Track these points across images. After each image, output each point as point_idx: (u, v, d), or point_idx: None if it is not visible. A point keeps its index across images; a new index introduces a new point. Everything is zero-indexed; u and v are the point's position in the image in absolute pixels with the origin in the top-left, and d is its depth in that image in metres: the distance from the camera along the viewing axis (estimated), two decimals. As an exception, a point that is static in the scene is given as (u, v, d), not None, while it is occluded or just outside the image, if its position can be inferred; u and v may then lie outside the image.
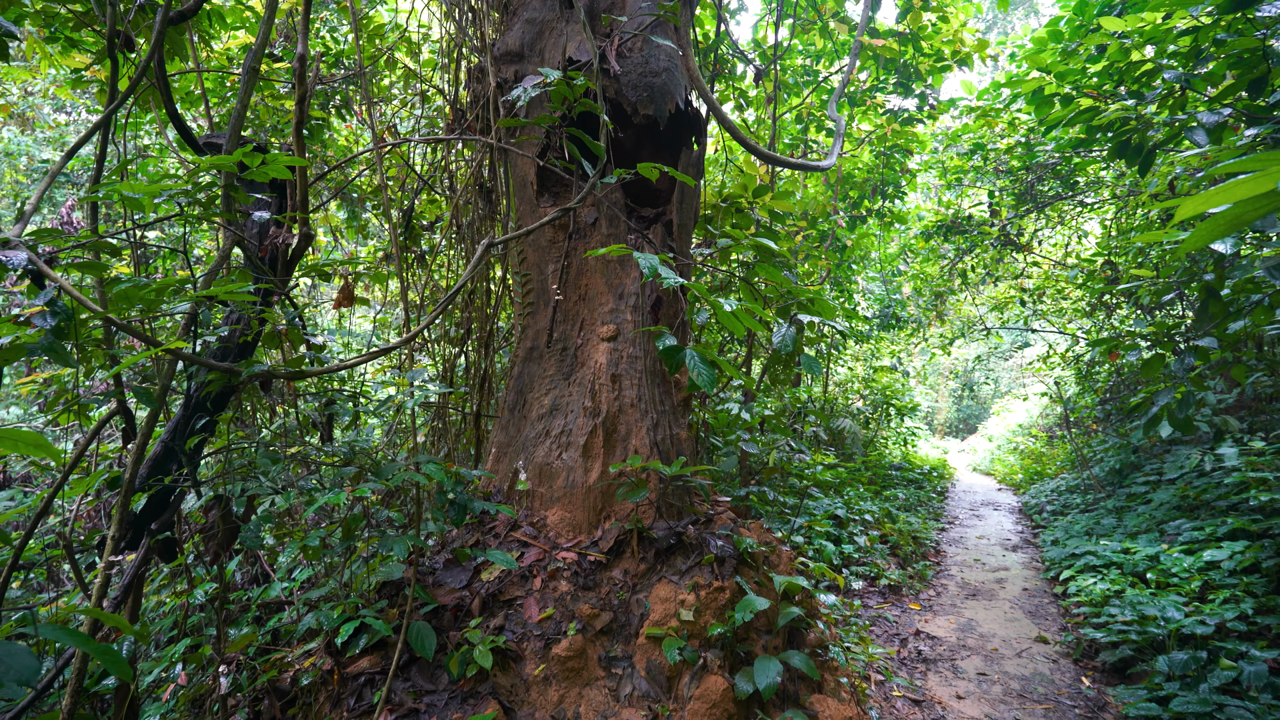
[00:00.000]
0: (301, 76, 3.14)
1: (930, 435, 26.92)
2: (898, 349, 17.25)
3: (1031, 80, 5.33)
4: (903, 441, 15.98)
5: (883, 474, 12.83)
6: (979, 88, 9.29)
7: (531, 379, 3.89)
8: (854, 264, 11.82)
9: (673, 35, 3.85)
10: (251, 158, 2.53)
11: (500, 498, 3.69)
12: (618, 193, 3.72)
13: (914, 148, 9.99)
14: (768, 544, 3.55)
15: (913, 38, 6.73)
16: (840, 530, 8.07)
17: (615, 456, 3.50)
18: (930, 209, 12.80)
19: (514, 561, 2.69)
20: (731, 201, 5.43)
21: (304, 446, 2.91)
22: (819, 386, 14.90)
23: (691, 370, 2.61)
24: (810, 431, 10.18)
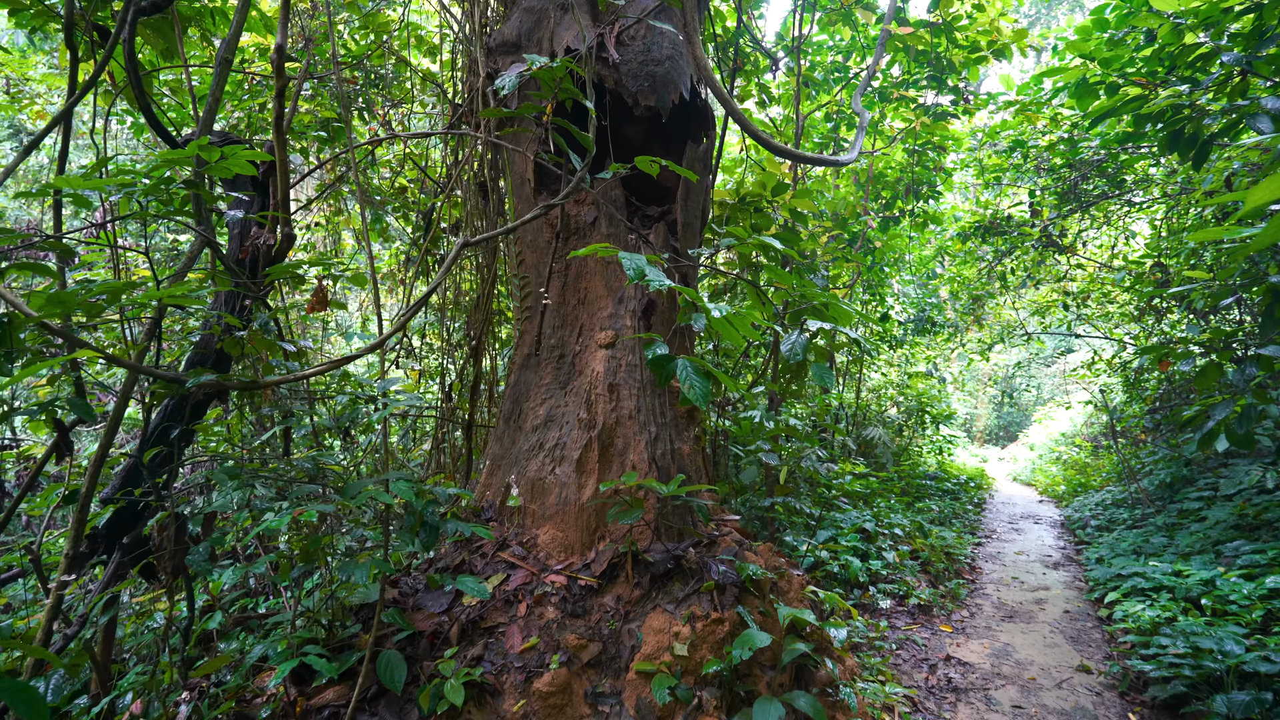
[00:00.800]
0: (280, 69, 2.98)
1: (969, 443, 26.12)
2: (934, 354, 16.69)
3: (1074, 69, 4.95)
4: (938, 450, 15.44)
5: (916, 484, 12.35)
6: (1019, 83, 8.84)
7: (528, 388, 3.68)
8: (886, 267, 11.40)
9: (678, 22, 3.61)
10: (210, 152, 2.36)
11: (492, 514, 3.48)
12: (618, 190, 3.48)
13: (949, 145, 9.57)
14: (776, 569, 3.28)
15: (945, 28, 6.37)
16: (868, 545, 7.71)
17: (611, 472, 3.26)
18: (968, 209, 12.31)
19: (486, 590, 2.46)
20: (750, 201, 5.17)
21: (267, 461, 2.73)
22: (851, 393, 14.46)
23: (683, 382, 2.36)
24: (839, 440, 9.81)
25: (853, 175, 9.85)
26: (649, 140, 4.08)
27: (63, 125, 2.57)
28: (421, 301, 2.36)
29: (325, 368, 2.26)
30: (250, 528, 2.14)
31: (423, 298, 2.40)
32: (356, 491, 2.38)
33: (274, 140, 3.15)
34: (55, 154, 11.36)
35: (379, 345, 2.35)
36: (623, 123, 3.95)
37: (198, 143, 2.26)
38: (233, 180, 3.33)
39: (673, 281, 3.44)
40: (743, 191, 5.14)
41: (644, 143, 4.08)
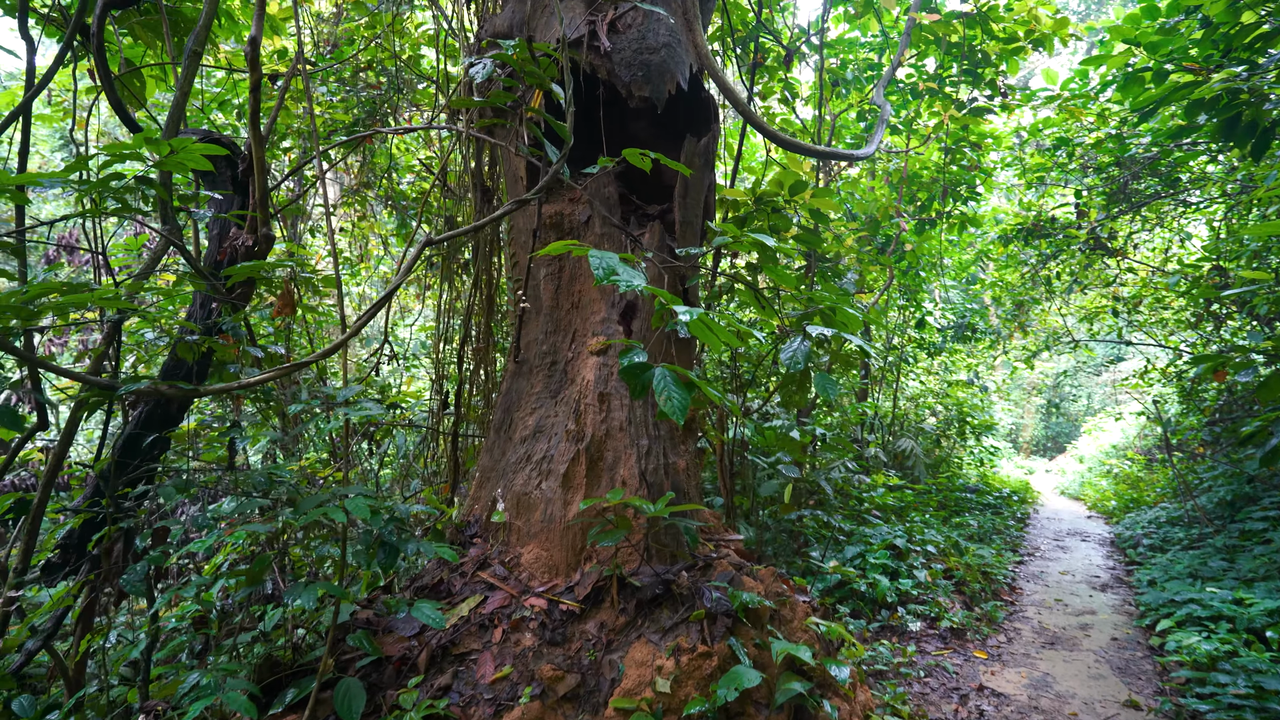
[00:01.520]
0: (254, 61, 2.86)
1: (1014, 455, 25.19)
2: (975, 362, 16.07)
3: (1119, 55, 4.59)
4: (979, 462, 14.82)
5: (954, 498, 11.83)
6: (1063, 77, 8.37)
7: (519, 396, 3.49)
8: (922, 271, 10.97)
9: (677, 8, 3.40)
10: (159, 146, 2.23)
11: (476, 530, 3.30)
12: (611, 187, 3.28)
13: (986, 143, 9.15)
14: (779, 596, 3.02)
15: (980, 18, 6.02)
16: (898, 562, 7.32)
17: (599, 488, 3.05)
18: (1010, 211, 11.79)
19: (443, 619, 2.27)
20: (767, 201, 4.91)
21: (220, 472, 2.60)
22: (888, 402, 13.98)
23: (659, 393, 2.14)
24: (870, 451, 9.42)
25: (885, 175, 9.49)
26: (654, 135, 3.88)
27: (22, 119, 2.47)
28: (381, 302, 2.19)
29: (272, 374, 2.10)
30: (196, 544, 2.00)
31: (382, 298, 2.23)
32: (309, 508, 2.21)
33: (250, 137, 3.03)
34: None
35: (337, 348, 2.19)
36: (622, 117, 3.75)
37: (141, 136, 2.13)
38: (213, 180, 3.22)
39: (663, 283, 3.22)
40: (759, 191, 4.89)
41: (648, 138, 3.88)
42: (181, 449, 2.86)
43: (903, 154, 9.02)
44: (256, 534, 1.97)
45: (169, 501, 2.18)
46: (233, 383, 2.06)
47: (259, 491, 2.23)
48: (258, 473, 2.29)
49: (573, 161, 3.46)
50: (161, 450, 3.07)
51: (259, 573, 2.19)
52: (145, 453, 2.92)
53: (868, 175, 11.51)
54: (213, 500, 2.62)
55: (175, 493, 2.18)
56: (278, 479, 2.26)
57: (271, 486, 2.26)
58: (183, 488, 2.21)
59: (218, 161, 3.18)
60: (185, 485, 2.22)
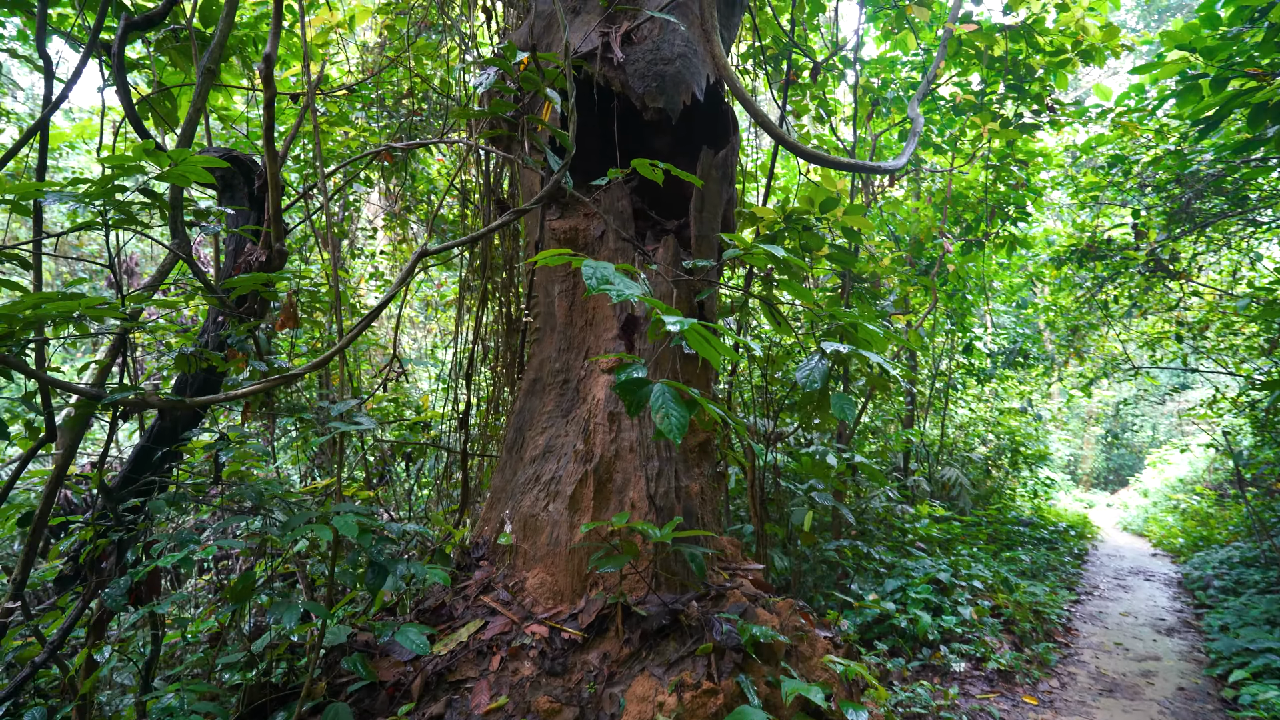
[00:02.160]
0: (268, 78, 2.88)
1: (1073, 487, 24.04)
2: (1028, 389, 15.43)
3: (1174, 62, 4.33)
4: (1033, 493, 14.14)
5: (1005, 530, 11.27)
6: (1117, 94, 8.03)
7: (531, 415, 3.41)
8: (969, 294, 10.60)
9: (694, 18, 3.32)
10: (160, 158, 2.23)
11: (484, 552, 3.20)
12: (624, 200, 3.19)
13: (1037, 162, 8.82)
14: (797, 630, 2.83)
15: (1024, 30, 5.81)
16: (942, 598, 6.95)
17: (607, 511, 2.92)
18: (1062, 232, 11.34)
19: (426, 645, 2.16)
20: (797, 219, 4.78)
21: (202, 487, 2.56)
22: (935, 429, 13.49)
23: (655, 410, 2.02)
24: (912, 480, 9.05)
25: (928, 195, 9.23)
26: (675, 151, 3.79)
27: (40, 135, 2.52)
28: (373, 315, 2.13)
29: (259, 386, 2.06)
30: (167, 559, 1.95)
31: (376, 308, 2.17)
32: (296, 525, 2.15)
33: (265, 153, 3.05)
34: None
35: (323, 363, 2.13)
36: (641, 132, 3.68)
37: (140, 147, 2.13)
38: (230, 195, 3.26)
39: (672, 298, 3.11)
40: (789, 208, 4.76)
41: (670, 154, 3.80)
42: (186, 464, 2.85)
43: (946, 173, 8.77)
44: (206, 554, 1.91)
45: (157, 514, 2.15)
46: (219, 394, 2.03)
47: (250, 506, 2.18)
48: (249, 487, 2.25)
49: (590, 177, 3.40)
50: (172, 464, 3.07)
51: (245, 590, 2.13)
52: (155, 466, 2.92)
53: (912, 196, 11.23)
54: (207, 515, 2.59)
55: (165, 505, 2.14)
56: (271, 494, 2.21)
57: (263, 501, 2.21)
58: (174, 501, 2.18)
59: (235, 178, 3.22)
60: (176, 499, 2.19)
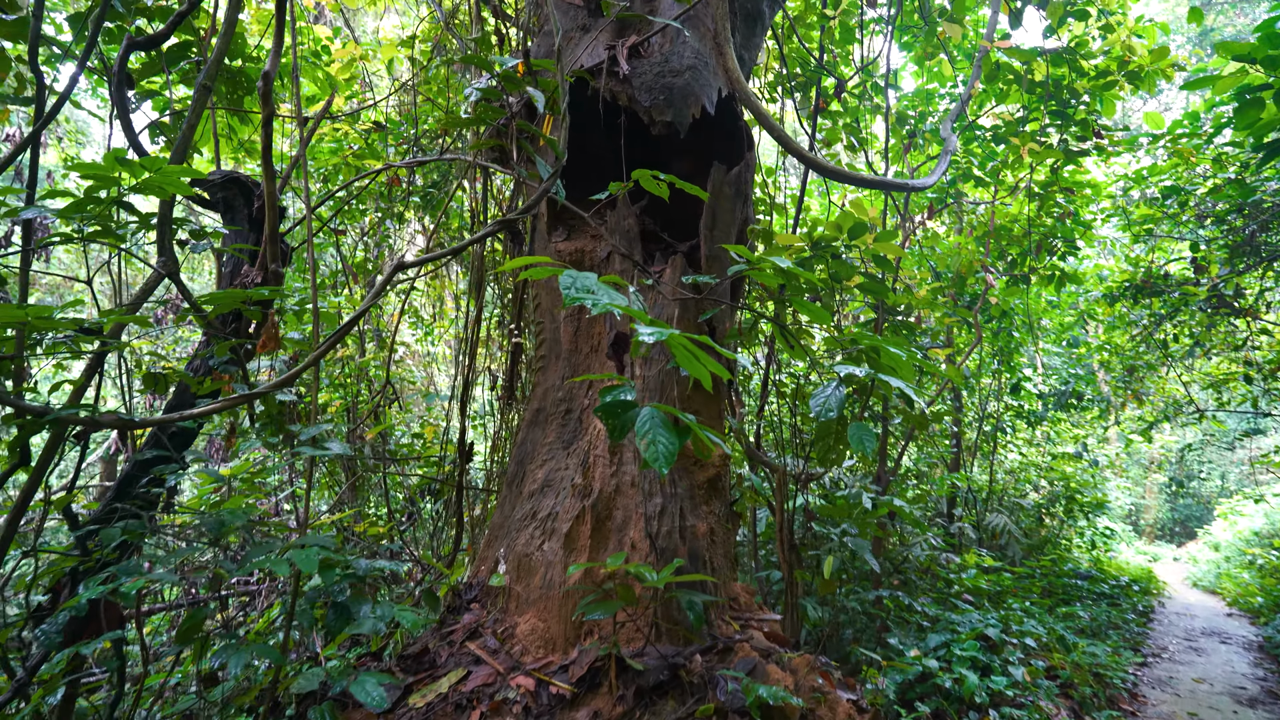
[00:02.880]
0: (266, 97, 2.83)
1: (1136, 538, 22.65)
2: (1083, 433, 14.66)
3: (1230, 76, 4.03)
4: (1091, 544, 13.30)
5: (1060, 584, 10.53)
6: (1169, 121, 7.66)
7: (533, 447, 3.21)
8: (1015, 331, 10.14)
9: (706, 31, 3.19)
10: (133, 168, 2.14)
11: (476, 593, 2.98)
12: (630, 219, 3.02)
13: (1085, 194, 8.45)
14: (815, 691, 2.52)
15: (1068, 53, 5.55)
16: (991, 656, 6.42)
17: (605, 551, 2.68)
18: (1115, 267, 10.83)
19: (383, 700, 1.94)
20: (825, 246, 4.56)
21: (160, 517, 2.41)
22: (984, 474, 12.84)
23: (641, 436, 1.81)
24: (956, 527, 8.53)
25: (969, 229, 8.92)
26: (693, 171, 3.63)
27: (30, 150, 2.49)
28: (339, 335, 1.98)
29: (218, 407, 1.91)
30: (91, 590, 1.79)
31: (347, 323, 2.02)
32: (254, 559, 1.97)
33: (262, 172, 2.99)
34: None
35: (288, 381, 1.98)
36: (654, 151, 3.54)
37: (111, 156, 2.05)
38: (231, 216, 3.20)
39: (672, 318, 2.90)
40: (816, 235, 4.55)
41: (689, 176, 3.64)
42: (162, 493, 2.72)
43: (989, 204, 8.46)
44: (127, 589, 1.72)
45: (108, 545, 2.01)
46: (172, 414, 1.89)
47: (209, 538, 2.03)
48: (209, 517, 2.10)
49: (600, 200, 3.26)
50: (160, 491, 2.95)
51: (192, 630, 1.96)
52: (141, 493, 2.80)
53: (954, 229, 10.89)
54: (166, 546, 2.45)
55: (117, 535, 2.00)
56: (230, 526, 2.04)
57: (223, 532, 2.05)
58: (132, 532, 2.04)
59: (236, 199, 3.16)
60: (128, 529, 2.04)
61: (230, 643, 1.82)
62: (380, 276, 6.40)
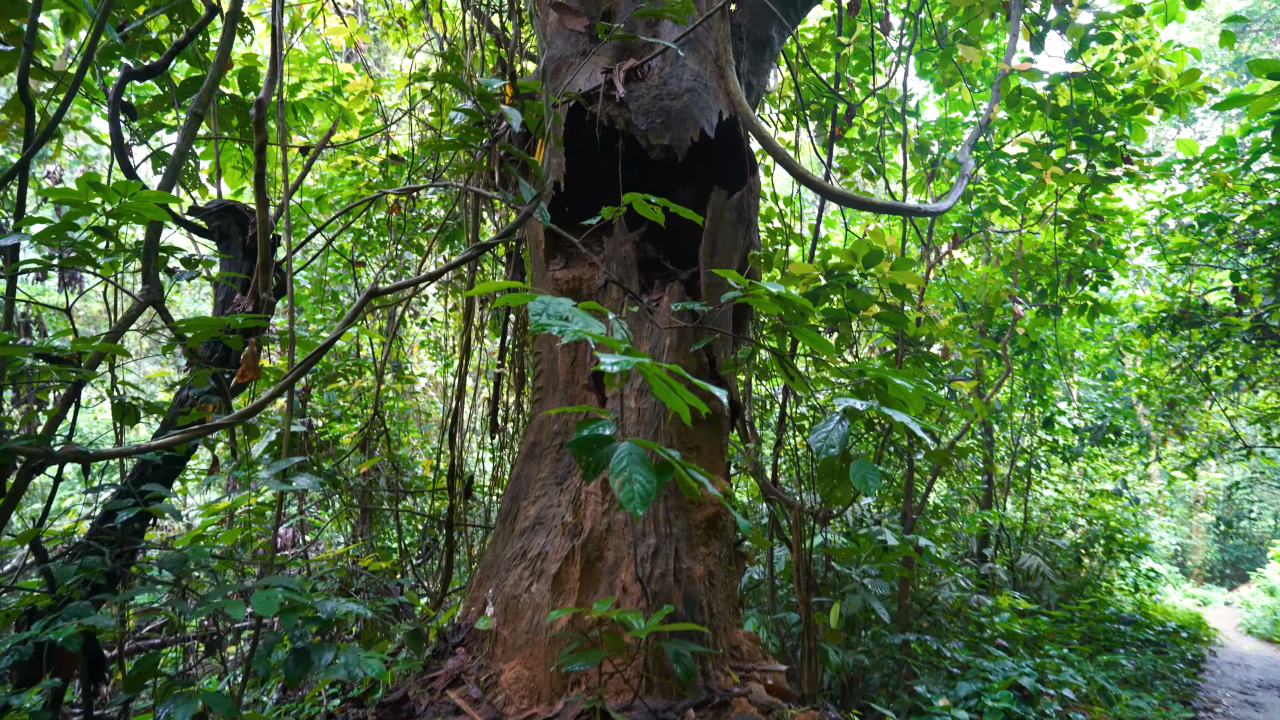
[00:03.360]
0: (260, 124, 2.80)
1: (1183, 581, 21.61)
2: (1123, 469, 14.09)
3: (1265, 95, 3.84)
4: (1134, 587, 12.68)
5: (1101, 629, 10.01)
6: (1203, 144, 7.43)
7: (527, 482, 3.08)
8: (1047, 364, 9.81)
9: (706, 53, 3.11)
10: (107, 194, 2.10)
11: (464, 636, 2.84)
12: (626, 246, 2.92)
13: (1116, 222, 8.20)
14: (819, 753, 2.32)
15: (1093, 77, 5.39)
16: (1025, 708, 6.04)
17: (595, 594, 2.53)
18: (1151, 297, 10.47)
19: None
20: (840, 275, 4.41)
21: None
22: (1018, 511, 12.36)
23: (615, 474, 1.68)
24: (986, 569, 8.15)
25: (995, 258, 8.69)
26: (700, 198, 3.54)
27: (19, 177, 2.47)
28: (308, 363, 1.89)
29: (179, 438, 1.83)
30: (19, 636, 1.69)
31: (317, 352, 1.93)
32: (214, 600, 1.86)
33: (255, 200, 2.95)
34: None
35: (252, 412, 1.89)
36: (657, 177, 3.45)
37: (85, 180, 2.01)
38: (227, 245, 3.17)
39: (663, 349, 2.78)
40: (830, 264, 4.41)
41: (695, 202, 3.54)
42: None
43: (1015, 233, 8.24)
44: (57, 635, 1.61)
45: (62, 582, 1.92)
46: (128, 447, 1.81)
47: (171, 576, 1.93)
48: (172, 556, 2.00)
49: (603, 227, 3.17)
50: (144, 525, 2.88)
51: (140, 678, 1.85)
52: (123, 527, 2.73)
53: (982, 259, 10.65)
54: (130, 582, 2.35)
55: (71, 573, 1.91)
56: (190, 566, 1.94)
57: (184, 571, 1.95)
58: (89, 570, 1.95)
59: (231, 228, 3.13)
60: (89, 569, 1.96)
61: (179, 692, 1.71)
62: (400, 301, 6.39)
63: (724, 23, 2.99)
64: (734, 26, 3.75)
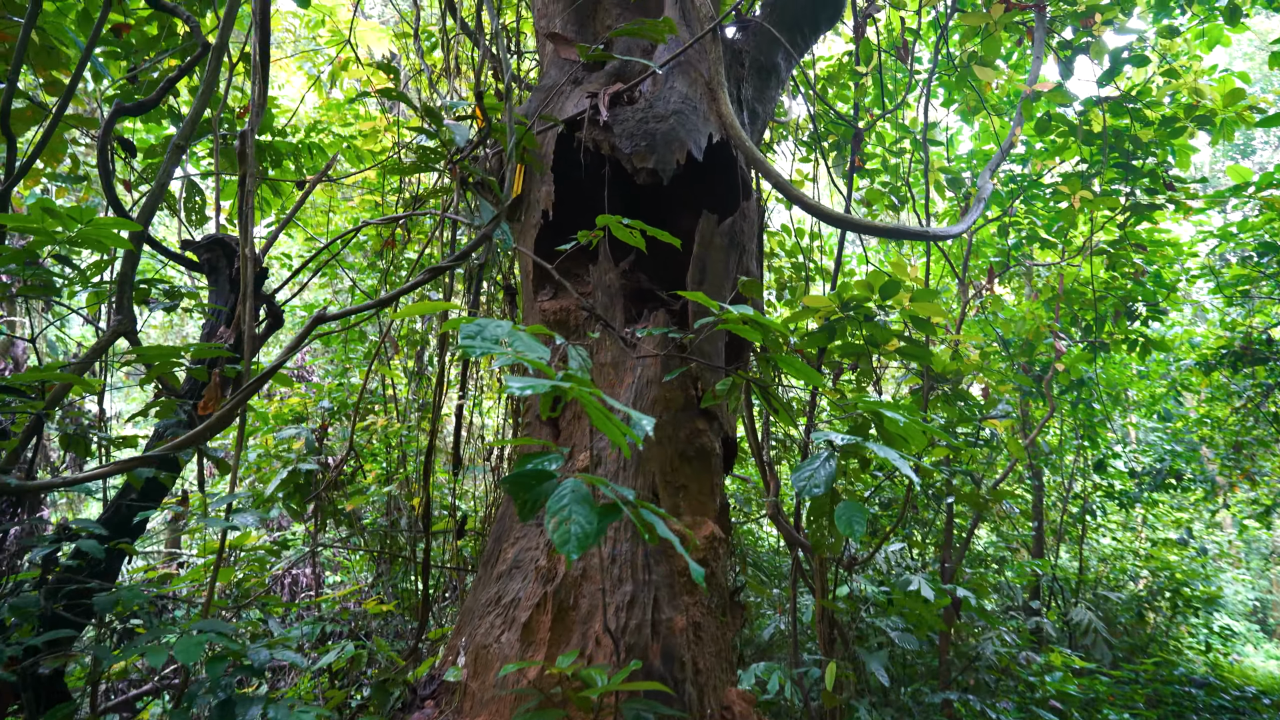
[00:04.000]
0: (244, 155, 2.80)
1: (1264, 640, 19.98)
2: (1187, 517, 13.20)
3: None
4: (1207, 646, 11.73)
5: (1169, 692, 9.21)
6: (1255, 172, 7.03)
7: (510, 523, 2.92)
8: (1096, 403, 9.30)
9: (698, 76, 3.00)
10: (64, 220, 2.07)
11: (435, 688, 2.66)
12: (611, 274, 2.80)
13: (1166, 252, 7.80)
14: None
15: (1128, 100, 5.14)
16: (1080, 779, 5.50)
17: (567, 645, 2.33)
18: (1208, 333, 9.90)
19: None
20: (858, 308, 4.21)
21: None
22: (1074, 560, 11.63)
23: (552, 514, 1.52)
24: (1032, 622, 7.60)
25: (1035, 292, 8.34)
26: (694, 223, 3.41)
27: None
28: (264, 379, 1.79)
29: (110, 470, 1.73)
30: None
31: (263, 375, 1.83)
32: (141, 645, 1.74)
33: (239, 232, 2.93)
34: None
35: (192, 441, 1.79)
36: (658, 205, 3.34)
37: (38, 205, 1.98)
38: (215, 278, 3.15)
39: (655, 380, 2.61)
40: (846, 295, 4.21)
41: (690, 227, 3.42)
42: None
43: (1055, 265, 7.90)
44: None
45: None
46: (58, 480, 1.72)
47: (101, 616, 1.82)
48: (104, 595, 1.90)
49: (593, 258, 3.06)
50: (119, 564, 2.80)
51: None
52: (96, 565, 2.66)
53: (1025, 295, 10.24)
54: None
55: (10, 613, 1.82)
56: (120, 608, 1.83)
57: (118, 611, 1.84)
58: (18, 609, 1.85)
59: (220, 260, 3.12)
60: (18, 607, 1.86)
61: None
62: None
63: (716, 45, 2.90)
64: (737, 52, 3.66)
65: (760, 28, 3.74)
